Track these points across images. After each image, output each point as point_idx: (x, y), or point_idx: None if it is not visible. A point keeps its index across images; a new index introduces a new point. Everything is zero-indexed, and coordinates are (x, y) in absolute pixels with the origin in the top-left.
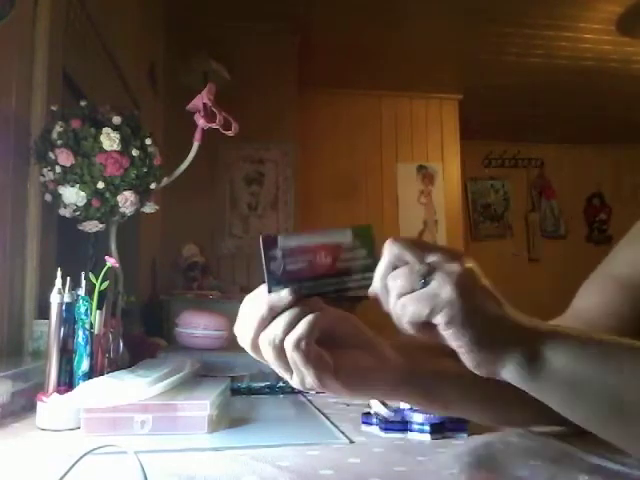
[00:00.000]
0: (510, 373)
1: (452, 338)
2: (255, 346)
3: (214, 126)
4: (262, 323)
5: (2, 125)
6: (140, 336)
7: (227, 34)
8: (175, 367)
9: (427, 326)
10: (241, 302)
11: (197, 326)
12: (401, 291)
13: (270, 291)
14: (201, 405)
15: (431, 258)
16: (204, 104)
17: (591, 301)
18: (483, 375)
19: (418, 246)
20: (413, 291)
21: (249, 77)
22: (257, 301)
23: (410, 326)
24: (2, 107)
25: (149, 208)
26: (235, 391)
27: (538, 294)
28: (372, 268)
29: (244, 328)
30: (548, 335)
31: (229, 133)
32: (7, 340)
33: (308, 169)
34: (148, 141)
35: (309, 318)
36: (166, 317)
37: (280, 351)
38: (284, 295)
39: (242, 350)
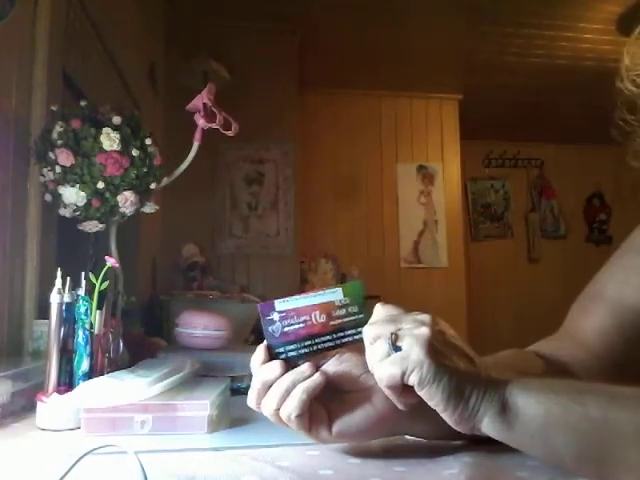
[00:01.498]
0: (487, 427)
1: (427, 397)
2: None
3: (214, 126)
4: (260, 394)
5: (2, 125)
6: (140, 336)
7: (227, 34)
8: (175, 367)
9: (406, 390)
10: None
11: (197, 326)
12: (378, 360)
13: (272, 353)
14: (201, 405)
15: (402, 326)
16: (204, 104)
17: (583, 323)
18: (466, 432)
19: (391, 320)
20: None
21: (249, 77)
22: (256, 370)
23: (389, 391)
24: (2, 107)
25: (149, 208)
26: (235, 391)
27: (538, 294)
28: (364, 323)
29: (249, 396)
30: (519, 386)
31: (229, 133)
32: (7, 340)
33: (308, 169)
34: (148, 141)
35: (298, 394)
36: (166, 317)
37: (279, 419)
38: (274, 368)
39: (242, 350)
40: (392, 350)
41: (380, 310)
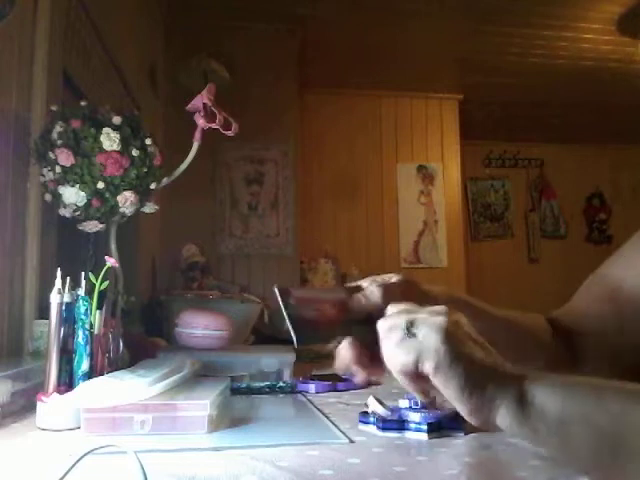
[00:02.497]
0: (502, 418)
1: (441, 385)
2: None
3: (214, 126)
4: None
5: (2, 125)
6: (140, 336)
7: (227, 34)
8: (175, 367)
9: (420, 378)
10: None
11: (197, 326)
12: (393, 344)
13: (294, 336)
14: (201, 405)
15: (417, 316)
16: (204, 104)
17: (583, 304)
18: (478, 425)
19: (405, 311)
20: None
21: (249, 77)
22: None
23: (402, 377)
24: (2, 107)
25: (149, 208)
26: (235, 391)
27: (538, 294)
28: (376, 318)
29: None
30: (536, 378)
31: (229, 133)
32: (7, 340)
33: (308, 169)
34: (148, 141)
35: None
36: (166, 317)
37: None
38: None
39: (242, 350)
40: (407, 337)
41: (394, 306)
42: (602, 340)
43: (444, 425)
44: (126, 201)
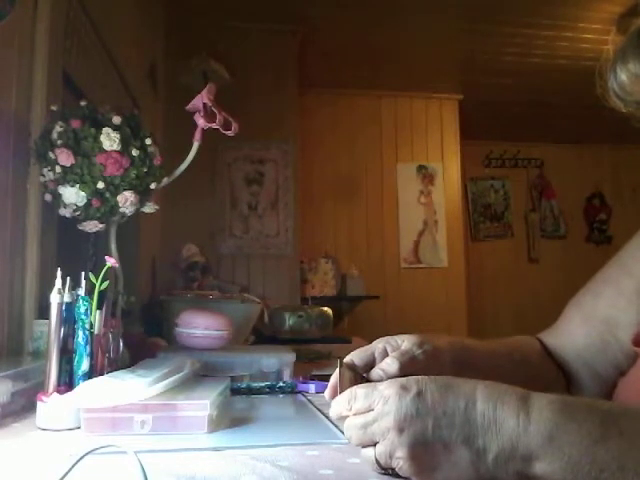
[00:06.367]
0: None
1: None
2: None
3: (214, 126)
4: None
5: (2, 125)
6: (140, 336)
7: (227, 34)
8: (175, 367)
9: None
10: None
11: (197, 326)
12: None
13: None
14: (201, 405)
15: (376, 436)
16: (204, 104)
17: (561, 327)
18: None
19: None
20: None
21: (249, 77)
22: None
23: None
24: (2, 107)
25: (149, 208)
26: (235, 391)
27: (538, 294)
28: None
29: None
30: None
31: (229, 133)
32: (7, 340)
33: (308, 169)
34: (148, 141)
35: None
36: (166, 317)
37: None
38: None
39: (242, 350)
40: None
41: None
42: (576, 364)
43: None
44: (126, 201)
